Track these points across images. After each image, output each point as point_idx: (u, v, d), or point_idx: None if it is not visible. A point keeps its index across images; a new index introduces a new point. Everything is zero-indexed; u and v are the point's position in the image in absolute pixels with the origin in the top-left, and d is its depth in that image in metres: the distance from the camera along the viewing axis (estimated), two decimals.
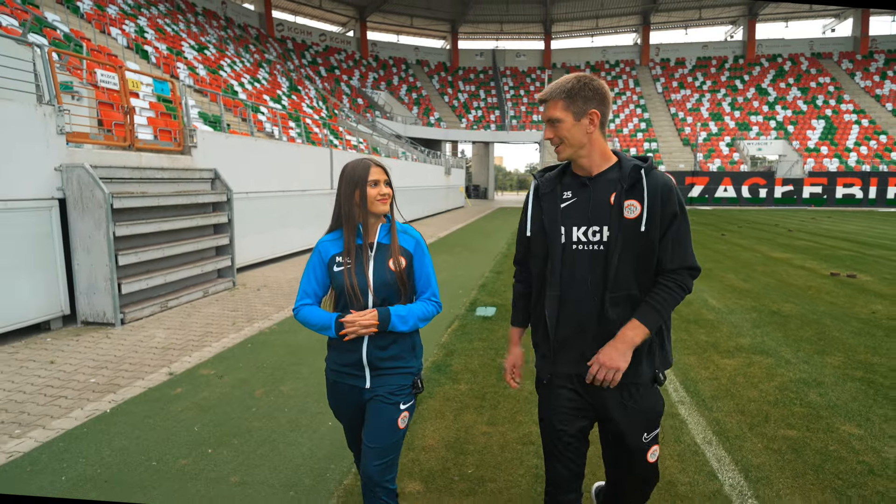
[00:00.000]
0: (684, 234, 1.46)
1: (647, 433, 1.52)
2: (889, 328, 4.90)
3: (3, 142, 4.51)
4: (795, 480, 2.42)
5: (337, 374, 1.73)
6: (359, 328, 1.60)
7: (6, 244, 4.57)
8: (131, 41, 15.56)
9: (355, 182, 1.64)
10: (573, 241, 1.49)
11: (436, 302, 1.75)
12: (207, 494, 2.36)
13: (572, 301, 1.49)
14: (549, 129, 1.49)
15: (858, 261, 9.12)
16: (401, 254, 1.69)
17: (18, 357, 4.28)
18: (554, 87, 1.47)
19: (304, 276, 1.75)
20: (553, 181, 1.57)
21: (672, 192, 1.44)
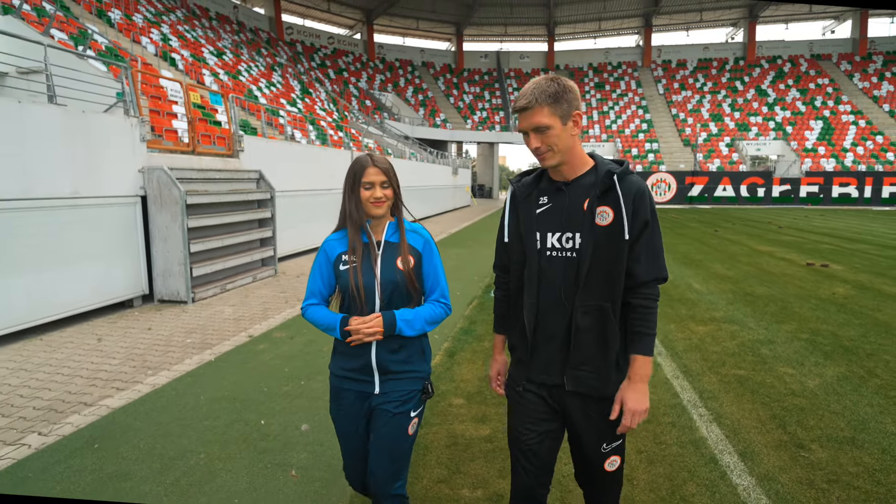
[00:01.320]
0: (657, 243, 1.44)
1: (607, 444, 1.50)
2: (841, 304, 5.80)
3: (100, 149, 5.46)
4: (736, 398, 3.34)
5: (343, 381, 1.67)
6: (363, 336, 1.56)
7: (103, 234, 5.51)
8: (159, 49, 16.54)
9: (352, 181, 1.61)
10: (548, 247, 1.46)
11: (444, 303, 1.69)
12: (311, 407, 3.28)
13: (546, 308, 1.47)
14: (536, 138, 1.41)
15: (837, 253, 9.98)
16: (410, 252, 1.65)
17: (119, 325, 5.23)
18: (535, 92, 1.38)
19: (310, 276, 1.71)
20: (529, 186, 1.54)
21: (644, 199, 1.41)
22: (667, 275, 1.46)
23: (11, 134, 4.55)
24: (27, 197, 4.69)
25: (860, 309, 5.63)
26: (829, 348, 4.33)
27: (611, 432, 1.49)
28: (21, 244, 4.64)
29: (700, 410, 3.16)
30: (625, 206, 1.40)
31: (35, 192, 4.76)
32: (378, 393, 1.64)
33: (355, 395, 1.66)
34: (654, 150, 35.83)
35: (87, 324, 5.25)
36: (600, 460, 1.51)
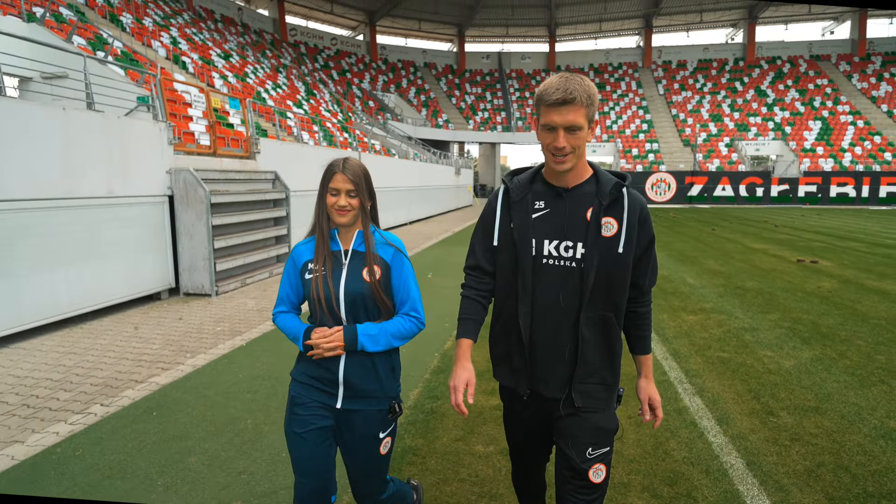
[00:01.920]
0: (656, 257, 1.47)
1: (593, 448, 1.43)
2: (824, 297, 6.19)
3: (133, 151, 5.87)
4: (717, 376, 3.73)
5: (305, 388, 1.59)
6: (323, 351, 1.49)
7: (135, 231, 5.92)
8: (170, 52, 16.95)
9: (322, 186, 1.57)
10: (544, 254, 1.41)
11: (415, 318, 1.59)
12: None
13: (543, 319, 1.42)
14: (565, 137, 1.33)
15: (828, 250, 10.37)
16: (376, 263, 1.57)
17: (152, 315, 5.64)
18: (577, 88, 1.31)
19: (281, 282, 1.66)
20: (524, 188, 1.47)
21: (649, 216, 1.42)
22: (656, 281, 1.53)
23: (57, 139, 4.96)
24: (70, 196, 5.10)
25: (842, 301, 6.02)
26: (807, 335, 4.72)
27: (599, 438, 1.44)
28: (64, 240, 5.05)
29: (685, 385, 3.56)
30: (630, 220, 1.37)
31: (76, 192, 5.16)
32: (340, 408, 1.56)
33: (316, 405, 1.56)
34: (654, 151, 36.19)
35: (121, 314, 5.66)
36: (585, 466, 1.42)
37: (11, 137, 4.55)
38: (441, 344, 4.57)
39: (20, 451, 2.79)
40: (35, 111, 4.83)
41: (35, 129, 4.77)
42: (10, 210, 4.54)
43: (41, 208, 4.81)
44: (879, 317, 5.31)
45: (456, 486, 2.41)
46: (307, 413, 1.57)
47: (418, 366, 4.03)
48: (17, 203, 4.59)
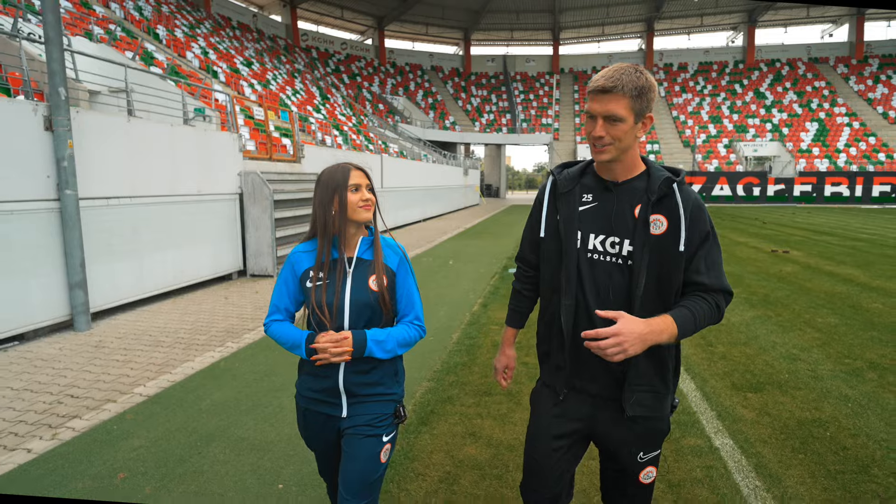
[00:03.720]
0: (717, 256, 1.35)
1: (644, 452, 1.40)
2: (782, 278, 7.47)
3: (215, 157, 7.21)
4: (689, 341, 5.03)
5: (309, 402, 1.57)
6: (330, 356, 1.43)
7: (217, 223, 7.26)
8: (202, 63, 18.34)
9: (334, 187, 1.50)
10: (588, 248, 1.36)
11: (418, 326, 1.59)
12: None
13: (589, 313, 1.35)
14: (604, 126, 1.28)
15: (803, 243, 11.60)
16: (383, 271, 1.54)
17: (233, 290, 6.98)
18: (622, 78, 1.26)
19: (275, 289, 1.60)
20: (573, 180, 1.42)
21: (703, 211, 1.33)
22: (731, 288, 1.35)
23: (167, 148, 6.31)
24: (173, 194, 6.44)
25: (795, 280, 7.29)
26: (756, 302, 6.01)
27: (649, 441, 1.41)
28: (168, 228, 6.39)
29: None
30: (683, 217, 1.30)
31: (178, 190, 6.51)
32: (346, 416, 1.54)
33: (323, 418, 1.56)
34: (654, 151, 37.36)
35: (208, 289, 7.00)
36: (636, 470, 1.41)
37: (139, 148, 5.89)
38: (469, 308, 5.88)
39: (197, 364, 4.12)
40: (153, 127, 6.18)
41: (152, 141, 6.11)
42: (137, 204, 5.88)
43: (156, 203, 6.15)
44: (821, 291, 6.58)
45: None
46: (317, 430, 1.59)
47: (457, 318, 5.34)
48: (141, 199, 5.93)
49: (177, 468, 2.63)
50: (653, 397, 1.37)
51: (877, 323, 5.10)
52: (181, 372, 3.97)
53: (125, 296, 5.76)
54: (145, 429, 3.06)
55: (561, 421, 1.44)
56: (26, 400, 3.49)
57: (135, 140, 5.87)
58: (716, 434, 2.88)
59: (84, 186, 5.09)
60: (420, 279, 6.83)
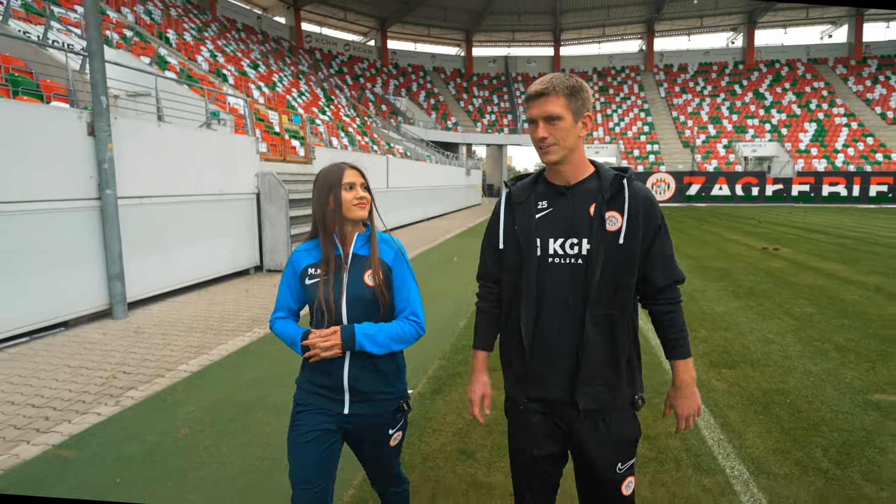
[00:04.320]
0: (669, 248, 1.41)
1: (622, 463, 1.41)
2: (768, 272, 7.91)
3: (234, 159, 7.67)
4: None
5: (310, 395, 1.57)
6: (320, 351, 1.47)
7: (234, 220, 7.72)
8: (212, 66, 18.81)
9: (329, 186, 1.54)
10: (549, 254, 1.38)
11: (415, 322, 1.58)
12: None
13: (549, 319, 1.38)
14: (545, 128, 1.35)
15: (794, 241, 12.03)
16: (379, 266, 1.56)
17: (252, 283, 7.44)
18: (553, 81, 1.34)
19: (279, 288, 1.65)
20: (527, 189, 1.46)
21: (654, 205, 1.38)
22: (683, 277, 1.43)
23: (191, 151, 6.77)
24: (197, 193, 6.90)
25: (781, 275, 7.73)
26: (741, 294, 6.45)
27: (627, 450, 1.42)
28: (192, 226, 6.85)
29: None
30: (631, 212, 1.35)
31: (201, 190, 6.97)
32: (347, 413, 1.55)
33: (322, 413, 1.55)
34: (654, 152, 37.77)
35: (228, 283, 7.46)
36: (617, 483, 1.42)
37: (167, 151, 6.36)
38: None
39: (230, 346, 4.58)
40: (179, 132, 6.65)
41: (178, 144, 6.57)
42: (165, 203, 6.34)
43: (182, 202, 6.61)
44: (803, 284, 7.02)
45: None
46: (311, 419, 1.55)
47: (462, 308, 5.79)
48: (169, 198, 6.39)
49: (228, 426, 3.08)
50: (606, 390, 1.38)
51: (849, 312, 5.54)
52: (217, 353, 4.43)
53: (156, 287, 6.22)
54: (195, 398, 3.51)
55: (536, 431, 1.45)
56: (84, 375, 3.95)
57: (163, 143, 6.34)
58: None
59: (120, 186, 5.55)
60: (427, 274, 7.36)
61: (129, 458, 2.74)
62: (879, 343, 4.48)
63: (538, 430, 1.44)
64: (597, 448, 1.40)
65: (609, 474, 1.41)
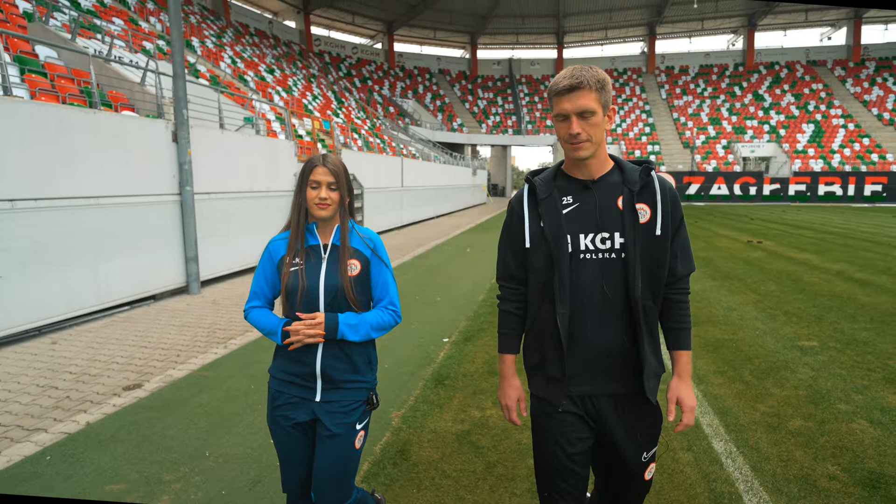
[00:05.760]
0: (687, 240, 1.44)
1: (647, 452, 1.44)
2: (747, 261, 8.96)
3: (278, 161, 8.78)
4: None
5: (283, 384, 1.61)
6: (303, 337, 1.50)
7: (278, 214, 8.82)
8: (235, 71, 19.94)
9: (300, 179, 1.58)
10: (581, 249, 1.36)
11: (393, 311, 1.63)
12: (445, 290, 6.53)
13: (586, 315, 1.36)
14: (578, 123, 1.31)
15: (779, 235, 13.04)
16: (356, 257, 1.60)
17: None
18: (584, 74, 1.31)
19: (255, 276, 1.65)
20: (548, 184, 1.44)
21: (677, 196, 1.41)
22: (694, 267, 1.46)
23: (246, 154, 7.88)
24: (250, 190, 8.01)
25: (757, 263, 8.77)
26: (718, 276, 7.51)
27: (651, 440, 1.45)
28: (246, 218, 7.95)
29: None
30: (662, 204, 1.36)
31: (253, 187, 8.08)
32: (319, 401, 1.58)
33: (295, 400, 1.59)
34: (655, 152, 38.75)
35: None
36: (641, 470, 1.45)
37: (227, 154, 7.47)
38: (489, 280, 7.40)
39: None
40: (237, 137, 7.76)
41: (236, 148, 7.68)
42: (227, 199, 7.45)
43: (239, 198, 7.72)
44: (774, 269, 8.07)
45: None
46: (287, 411, 1.59)
47: (479, 287, 6.87)
48: (229, 194, 7.50)
49: None
50: (657, 382, 1.41)
51: (806, 290, 6.59)
52: None
53: (220, 269, 7.34)
54: None
55: (569, 428, 1.42)
56: (190, 331, 5.05)
57: (224, 147, 7.45)
58: None
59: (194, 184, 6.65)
60: (445, 262, 8.62)
61: (252, 377, 3.83)
62: (820, 310, 5.54)
63: (569, 430, 1.42)
64: (625, 440, 1.41)
65: (635, 463, 1.43)
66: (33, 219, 4.75)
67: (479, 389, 3.53)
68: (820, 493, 2.32)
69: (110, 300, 5.63)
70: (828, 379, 3.65)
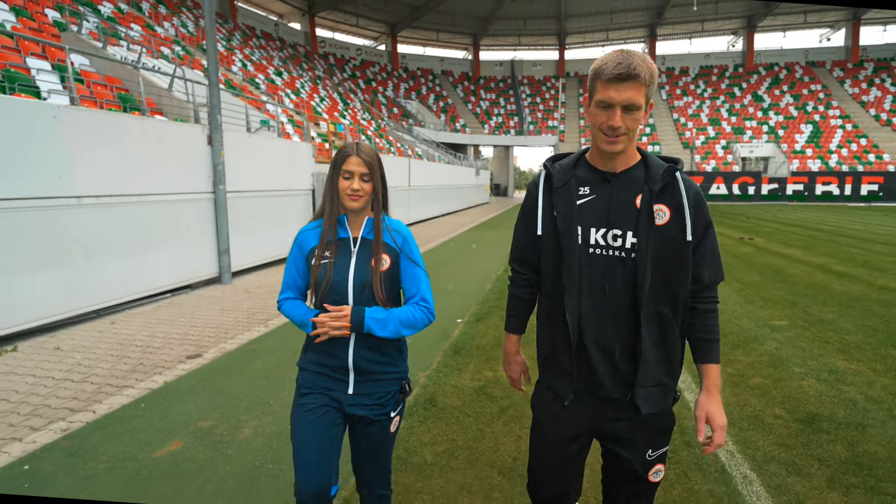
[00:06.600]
0: (717, 247, 1.35)
1: (653, 450, 1.38)
2: (736, 255, 9.55)
3: (297, 162, 9.41)
4: None
5: (314, 376, 1.59)
6: (329, 329, 1.48)
7: (296, 211, 9.45)
8: (246, 74, 20.58)
9: (333, 167, 1.55)
10: (590, 244, 1.32)
11: (425, 307, 1.58)
12: (459, 276, 7.15)
13: (593, 312, 1.33)
14: (622, 116, 1.24)
15: (771, 232, 13.62)
16: (385, 251, 1.56)
17: None
18: (641, 65, 1.21)
19: (286, 268, 1.64)
20: (567, 172, 1.38)
21: (703, 200, 1.32)
22: (724, 276, 1.37)
23: (270, 155, 8.51)
24: (273, 189, 8.64)
25: (745, 256, 9.37)
26: None
27: (661, 438, 1.39)
28: (269, 214, 8.57)
29: None
30: (687, 205, 1.28)
31: (275, 186, 8.71)
32: (352, 393, 1.57)
33: (325, 393, 1.58)
34: (655, 153, 39.12)
35: None
36: (646, 469, 1.39)
37: (252, 155, 8.09)
38: (495, 272, 8.01)
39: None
40: (261, 140, 8.39)
41: (260, 149, 8.31)
42: (252, 197, 8.08)
43: (263, 196, 8.35)
44: (760, 263, 8.67)
45: None
46: (316, 401, 1.57)
47: (487, 277, 7.48)
48: (254, 192, 8.13)
49: None
50: (660, 392, 1.34)
51: (786, 280, 7.19)
52: None
53: (246, 262, 7.97)
54: None
55: (568, 425, 1.40)
56: (231, 314, 5.67)
57: (251, 149, 8.08)
58: None
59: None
60: (453, 256, 9.34)
61: (296, 350, 4.44)
62: (795, 296, 6.15)
63: (572, 425, 1.41)
64: (630, 432, 1.37)
65: (640, 461, 1.38)
66: (96, 214, 5.38)
67: (491, 357, 4.15)
68: (766, 427, 2.94)
69: (156, 287, 6.26)
70: (790, 349, 4.26)
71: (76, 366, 4.08)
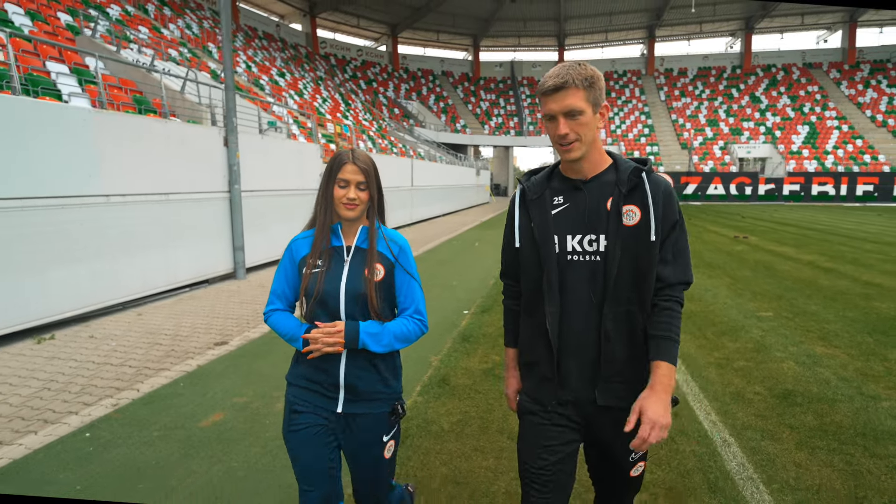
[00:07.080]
0: (684, 245, 1.37)
1: (636, 452, 1.41)
2: (730, 252, 9.90)
3: (306, 162, 9.73)
4: None
5: (303, 392, 1.53)
6: (322, 346, 1.43)
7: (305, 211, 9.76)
8: (250, 75, 20.90)
9: (327, 175, 1.52)
10: (568, 251, 1.36)
11: (419, 321, 1.55)
12: (460, 274, 7.48)
13: (573, 318, 1.36)
14: (566, 123, 1.30)
15: (766, 231, 13.97)
16: (380, 261, 1.52)
17: None
18: (570, 73, 1.28)
19: (275, 277, 1.59)
20: (541, 185, 1.44)
21: (672, 198, 1.35)
22: (692, 279, 1.39)
23: (280, 156, 8.85)
24: (284, 188, 8.97)
25: (739, 254, 9.72)
26: (700, 265, 8.45)
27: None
28: (280, 213, 8.90)
29: None
30: (653, 205, 1.31)
31: (286, 186, 9.04)
32: (341, 413, 1.51)
33: (314, 410, 1.52)
34: (654, 153, 39.69)
35: None
36: (628, 468, 1.44)
37: (264, 156, 8.43)
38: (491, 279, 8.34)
39: None
40: (272, 141, 8.72)
41: (272, 150, 8.64)
42: (264, 196, 8.41)
43: (274, 195, 8.68)
44: (753, 260, 9.01)
45: None
46: (307, 419, 1.51)
47: (491, 274, 7.82)
48: (266, 192, 8.46)
49: None
50: (624, 388, 1.36)
51: (776, 275, 7.54)
52: None
53: (258, 259, 8.29)
54: None
55: (552, 433, 1.41)
56: (250, 306, 6.00)
57: (263, 150, 8.41)
58: None
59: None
60: (456, 254, 9.74)
61: None
62: (783, 290, 6.49)
63: (555, 433, 1.40)
64: (613, 440, 1.39)
65: (623, 461, 1.42)
66: (122, 211, 5.71)
67: (497, 344, 4.49)
68: (745, 401, 3.28)
69: (176, 282, 6.59)
70: (773, 337, 4.60)
71: (112, 352, 4.41)
